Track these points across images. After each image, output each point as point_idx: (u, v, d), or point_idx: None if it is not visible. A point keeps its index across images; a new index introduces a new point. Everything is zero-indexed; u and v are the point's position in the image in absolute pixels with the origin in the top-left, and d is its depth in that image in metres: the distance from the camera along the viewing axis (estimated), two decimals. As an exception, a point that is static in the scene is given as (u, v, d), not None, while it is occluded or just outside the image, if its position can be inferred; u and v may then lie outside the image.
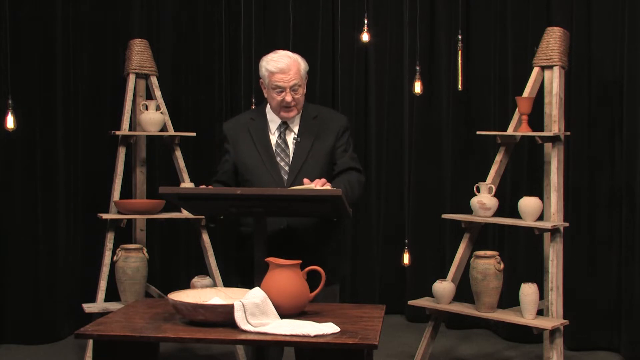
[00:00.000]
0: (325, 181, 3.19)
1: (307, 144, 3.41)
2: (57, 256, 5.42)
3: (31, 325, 5.32)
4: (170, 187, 3.21)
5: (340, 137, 3.47)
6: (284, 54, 3.40)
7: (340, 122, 3.51)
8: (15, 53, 5.08)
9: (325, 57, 6.16)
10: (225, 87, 6.09)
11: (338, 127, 3.48)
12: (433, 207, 5.88)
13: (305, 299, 2.85)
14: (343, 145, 3.47)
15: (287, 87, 3.35)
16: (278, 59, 3.38)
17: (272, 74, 3.37)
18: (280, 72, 3.35)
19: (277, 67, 3.35)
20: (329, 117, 3.52)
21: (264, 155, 3.40)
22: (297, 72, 3.36)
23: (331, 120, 3.50)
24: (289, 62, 3.36)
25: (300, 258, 2.93)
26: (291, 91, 3.36)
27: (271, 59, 3.39)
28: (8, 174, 5.29)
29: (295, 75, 3.36)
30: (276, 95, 3.38)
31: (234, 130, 3.51)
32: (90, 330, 2.70)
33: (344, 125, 3.50)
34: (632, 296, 4.96)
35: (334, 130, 3.46)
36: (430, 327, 4.71)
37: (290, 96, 3.36)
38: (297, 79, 3.36)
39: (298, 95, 3.38)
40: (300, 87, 3.38)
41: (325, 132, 3.45)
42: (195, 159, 5.87)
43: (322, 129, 3.45)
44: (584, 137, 5.24)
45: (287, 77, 3.35)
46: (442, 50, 5.94)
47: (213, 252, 4.94)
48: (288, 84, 3.35)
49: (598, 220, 5.23)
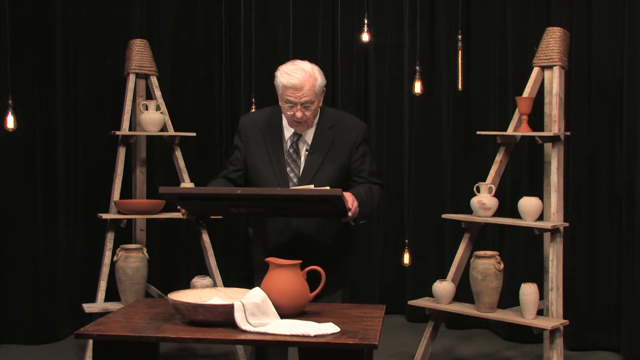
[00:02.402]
0: (354, 199, 3.09)
1: (319, 158, 3.26)
2: (57, 256, 5.42)
3: (31, 325, 5.32)
4: (170, 187, 3.20)
5: (356, 150, 3.31)
6: (300, 68, 3.20)
7: (357, 132, 3.33)
8: (15, 53, 5.08)
9: (325, 57, 6.16)
10: (225, 87, 6.09)
11: (354, 139, 3.31)
12: (433, 207, 5.88)
13: (305, 299, 2.85)
14: (360, 159, 3.31)
15: (298, 104, 3.18)
16: (292, 72, 3.18)
17: (285, 88, 3.18)
18: (292, 88, 3.17)
19: (290, 82, 3.16)
20: (346, 126, 3.33)
21: (275, 164, 3.28)
22: (310, 89, 3.18)
23: (348, 131, 3.31)
24: (303, 77, 3.17)
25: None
26: (302, 107, 3.18)
27: (286, 71, 3.21)
28: (8, 174, 5.29)
29: (309, 92, 3.17)
30: (287, 109, 3.22)
31: (250, 128, 3.36)
32: (90, 330, 2.70)
33: (362, 135, 3.33)
34: (632, 296, 4.96)
35: (349, 142, 3.30)
36: (430, 327, 4.71)
37: (301, 112, 3.18)
38: (311, 95, 3.18)
39: (309, 112, 3.20)
40: (312, 103, 3.20)
41: (340, 145, 3.29)
42: (195, 159, 5.87)
43: (337, 141, 3.28)
44: (584, 137, 5.24)
45: (299, 93, 3.16)
46: (442, 50, 5.94)
47: (213, 252, 4.94)
48: (299, 100, 3.17)
49: (598, 220, 5.23)
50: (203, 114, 6.07)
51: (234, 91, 6.07)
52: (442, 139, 5.99)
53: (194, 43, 6.08)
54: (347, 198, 3.05)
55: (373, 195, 3.29)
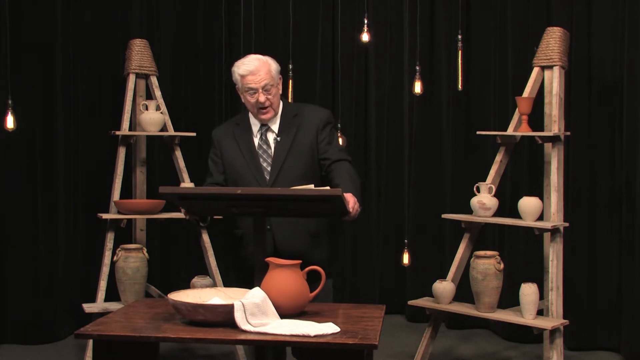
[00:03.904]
0: (355, 200, 3.21)
1: (286, 143, 3.46)
2: (57, 256, 5.42)
3: (31, 325, 5.32)
4: (170, 187, 3.21)
5: (322, 130, 3.50)
6: (253, 57, 3.49)
7: (320, 116, 3.54)
8: (15, 53, 5.08)
9: (325, 57, 6.16)
10: (225, 87, 6.08)
11: (318, 122, 3.51)
12: (433, 207, 5.88)
13: (305, 299, 2.85)
14: (326, 138, 3.50)
15: (259, 88, 3.42)
16: (247, 62, 3.46)
17: (243, 77, 3.44)
18: (250, 74, 3.42)
19: (246, 69, 3.43)
20: (309, 113, 3.56)
21: (248, 157, 3.47)
22: (267, 73, 3.43)
23: (312, 116, 3.53)
24: (257, 64, 3.44)
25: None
26: (263, 91, 3.43)
27: (241, 63, 3.48)
28: (8, 174, 5.29)
29: (266, 76, 3.42)
30: (250, 97, 3.45)
31: (221, 135, 3.60)
32: (90, 330, 2.70)
33: (324, 120, 3.53)
34: (632, 296, 4.95)
35: (314, 125, 3.50)
36: (430, 327, 4.71)
37: (264, 96, 3.42)
38: (268, 79, 3.43)
39: (271, 95, 3.44)
40: (272, 86, 3.44)
41: (306, 128, 3.49)
42: (195, 159, 5.86)
43: (302, 126, 3.49)
44: (584, 137, 5.24)
45: (258, 77, 3.42)
46: (442, 50, 5.94)
47: (213, 252, 4.94)
48: (259, 84, 3.42)
49: (598, 220, 5.23)
50: (203, 114, 6.07)
51: (234, 91, 6.04)
52: (442, 139, 5.99)
53: (194, 43, 6.08)
54: (348, 200, 3.11)
55: (352, 177, 3.42)
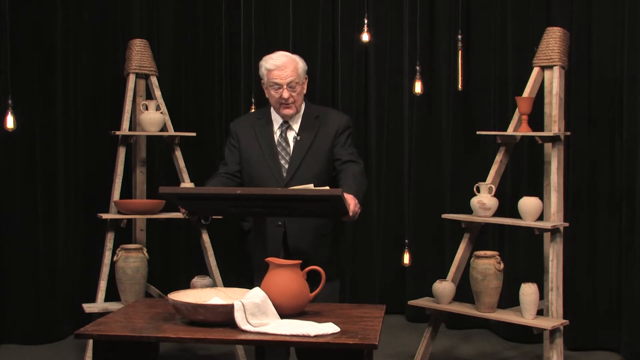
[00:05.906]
0: (356, 202, 3.25)
1: (306, 142, 3.53)
2: (57, 256, 5.42)
3: (31, 325, 5.32)
4: (170, 187, 3.22)
5: (340, 135, 3.58)
6: (282, 53, 3.57)
7: (340, 121, 3.62)
8: (15, 53, 5.08)
9: (325, 57, 6.16)
10: (225, 87, 6.09)
11: (338, 126, 3.59)
12: (433, 207, 5.88)
13: (305, 299, 2.85)
14: (342, 141, 3.58)
15: (284, 84, 3.49)
16: (276, 57, 3.55)
17: (270, 72, 3.53)
18: (277, 69, 3.50)
19: (274, 64, 3.51)
20: (331, 117, 3.64)
21: (266, 152, 3.53)
22: (294, 70, 3.51)
23: (332, 120, 3.61)
24: (285, 60, 3.53)
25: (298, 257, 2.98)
26: (288, 88, 3.49)
27: (269, 57, 3.58)
28: (8, 174, 5.29)
29: (292, 73, 3.49)
30: (274, 92, 3.52)
31: (240, 127, 3.67)
32: (90, 330, 2.70)
33: (343, 125, 3.61)
34: (632, 296, 4.95)
35: (333, 129, 3.58)
36: (430, 327, 4.71)
37: (288, 93, 3.49)
38: (294, 76, 3.50)
39: (295, 92, 3.51)
40: (297, 84, 3.51)
41: (325, 131, 3.57)
42: (195, 159, 5.87)
43: (322, 128, 3.56)
44: (584, 137, 5.24)
45: (284, 73, 3.48)
46: (442, 50, 5.94)
47: (213, 252, 4.94)
48: (285, 81, 3.49)
49: (598, 220, 5.23)
50: (203, 114, 6.07)
51: (234, 91, 6.07)
52: (442, 138, 5.99)
53: (194, 43, 6.08)
54: (348, 200, 3.13)
55: (357, 179, 3.47)
